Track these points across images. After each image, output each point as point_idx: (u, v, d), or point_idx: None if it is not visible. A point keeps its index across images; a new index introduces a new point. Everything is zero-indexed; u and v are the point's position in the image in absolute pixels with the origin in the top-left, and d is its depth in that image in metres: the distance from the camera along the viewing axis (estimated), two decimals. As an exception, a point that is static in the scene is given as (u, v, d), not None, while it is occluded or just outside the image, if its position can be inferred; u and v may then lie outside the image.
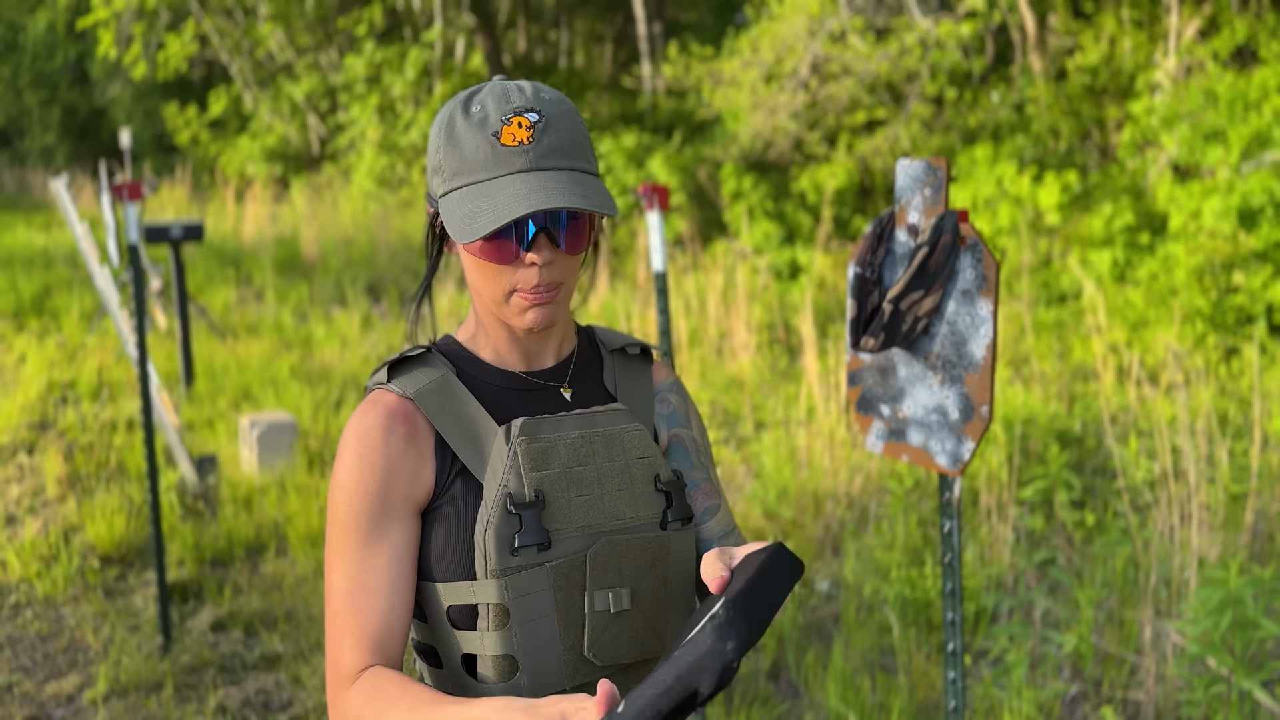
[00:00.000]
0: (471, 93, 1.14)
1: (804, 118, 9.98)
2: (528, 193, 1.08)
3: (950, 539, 1.69)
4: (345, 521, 1.12)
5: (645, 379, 1.28)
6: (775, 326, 6.94)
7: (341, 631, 1.11)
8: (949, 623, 1.71)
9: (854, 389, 1.73)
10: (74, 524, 4.39)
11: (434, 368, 1.17)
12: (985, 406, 1.52)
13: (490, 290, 1.14)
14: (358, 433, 1.14)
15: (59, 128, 25.05)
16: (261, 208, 14.60)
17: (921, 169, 1.57)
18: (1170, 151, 8.13)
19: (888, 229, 1.62)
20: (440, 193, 1.14)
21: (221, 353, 7.15)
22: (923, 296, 1.53)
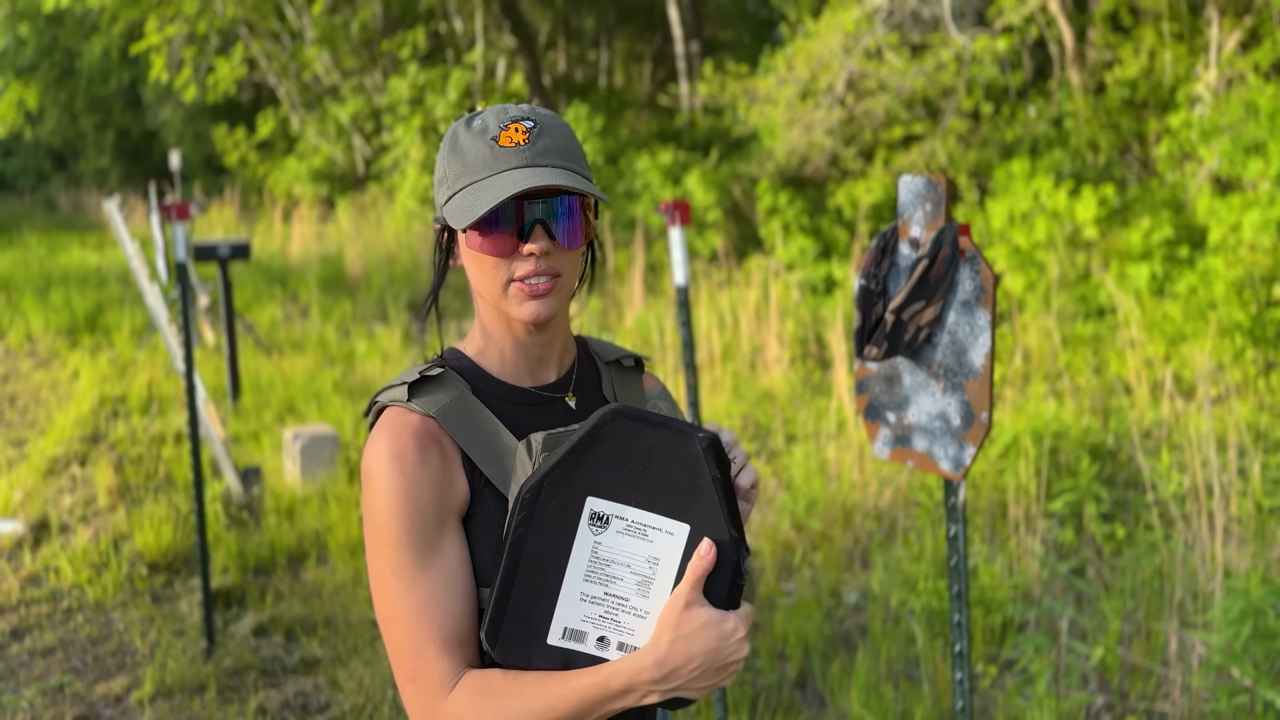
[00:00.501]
0: (474, 114, 1.24)
1: (840, 134, 10.02)
2: (523, 179, 1.17)
3: (955, 542, 1.74)
4: (399, 540, 1.15)
5: (639, 388, 1.37)
6: (807, 341, 6.98)
7: (422, 644, 1.13)
8: (955, 624, 1.76)
9: (861, 397, 1.79)
10: (123, 533, 4.54)
11: (451, 386, 1.23)
12: (985, 413, 1.58)
13: (490, 285, 1.21)
14: (393, 453, 1.17)
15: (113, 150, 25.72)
16: (308, 227, 14.90)
17: (923, 185, 1.64)
18: (1210, 164, 8.08)
19: (891, 243, 1.68)
20: (444, 200, 1.23)
21: (267, 368, 7.33)
22: (924, 307, 1.59)
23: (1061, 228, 8.07)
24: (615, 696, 1.09)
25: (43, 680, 3.43)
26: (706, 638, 1.09)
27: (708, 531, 1.11)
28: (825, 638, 3.57)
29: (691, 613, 1.10)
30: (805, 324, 7.18)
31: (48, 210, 25.31)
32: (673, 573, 1.12)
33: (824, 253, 9.25)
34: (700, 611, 1.10)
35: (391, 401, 1.23)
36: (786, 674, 3.40)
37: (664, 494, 1.12)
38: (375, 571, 1.17)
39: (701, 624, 1.10)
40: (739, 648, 1.11)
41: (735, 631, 1.11)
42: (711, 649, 1.09)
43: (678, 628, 1.10)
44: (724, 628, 1.10)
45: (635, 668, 1.10)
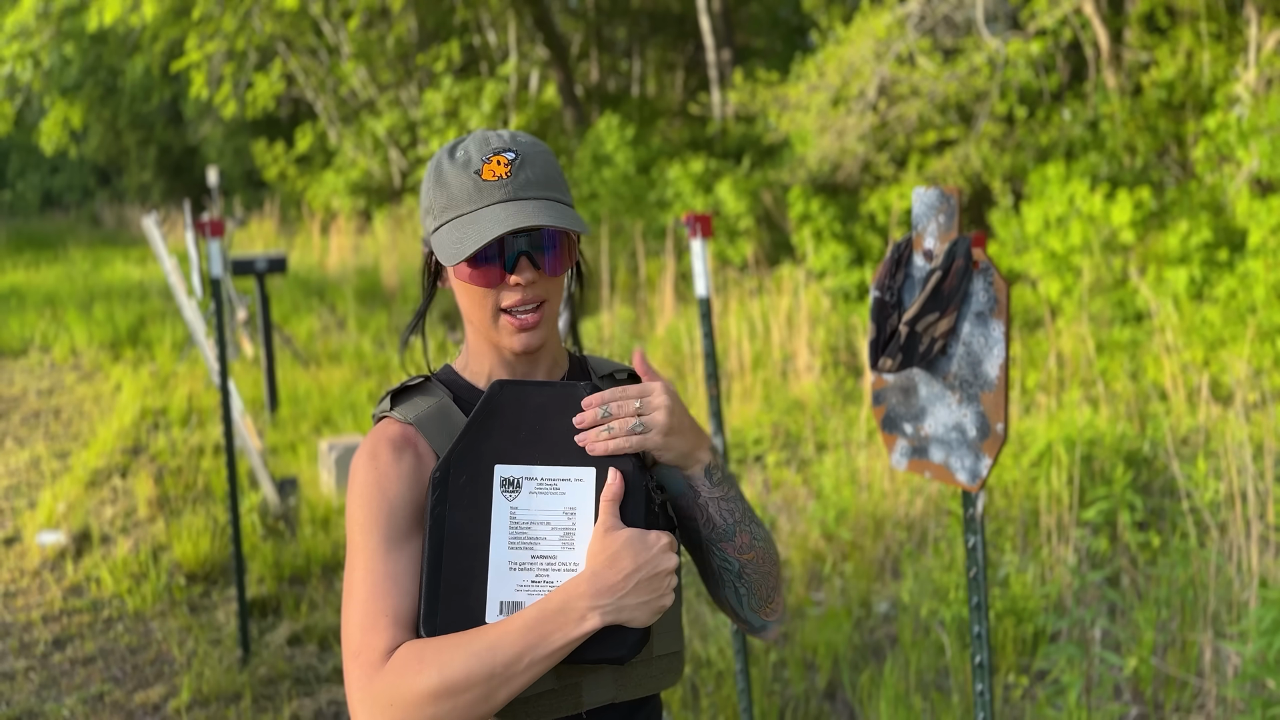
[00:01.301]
0: (456, 142, 1.28)
1: (872, 139, 9.99)
2: (506, 217, 1.21)
3: (975, 554, 1.74)
4: (366, 525, 1.19)
5: None
6: (838, 349, 6.96)
7: (373, 618, 1.14)
8: (975, 636, 1.76)
9: (879, 408, 1.79)
10: (162, 543, 4.63)
11: (432, 395, 1.28)
12: (1000, 424, 1.58)
13: (480, 314, 1.26)
14: (370, 454, 1.23)
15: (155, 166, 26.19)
16: (345, 239, 15.08)
17: (936, 197, 1.64)
18: (1249, 166, 7.95)
19: (905, 254, 1.69)
20: (431, 229, 1.27)
21: (304, 379, 7.43)
22: (938, 318, 1.60)
23: (1097, 232, 7.99)
24: (553, 617, 1.11)
25: (83, 689, 3.50)
26: (633, 550, 1.13)
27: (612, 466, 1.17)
28: (855, 648, 3.55)
29: (612, 534, 1.14)
30: (836, 331, 7.15)
31: (92, 225, 25.81)
32: (590, 518, 1.17)
33: (857, 259, 9.22)
34: (621, 531, 1.14)
35: (379, 413, 1.29)
36: (815, 684, 3.40)
37: (565, 446, 1.17)
38: (347, 563, 1.22)
39: (625, 540, 1.13)
40: (665, 556, 1.14)
41: (658, 540, 1.14)
42: (641, 560, 1.12)
43: (604, 549, 1.14)
44: (647, 539, 1.14)
45: (569, 586, 1.13)
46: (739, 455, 5.46)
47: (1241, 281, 7.02)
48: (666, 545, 1.15)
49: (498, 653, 1.10)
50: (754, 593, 1.29)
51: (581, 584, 1.13)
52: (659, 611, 1.14)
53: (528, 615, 1.12)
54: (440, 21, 17.68)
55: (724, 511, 1.25)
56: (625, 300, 8.88)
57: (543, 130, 14.75)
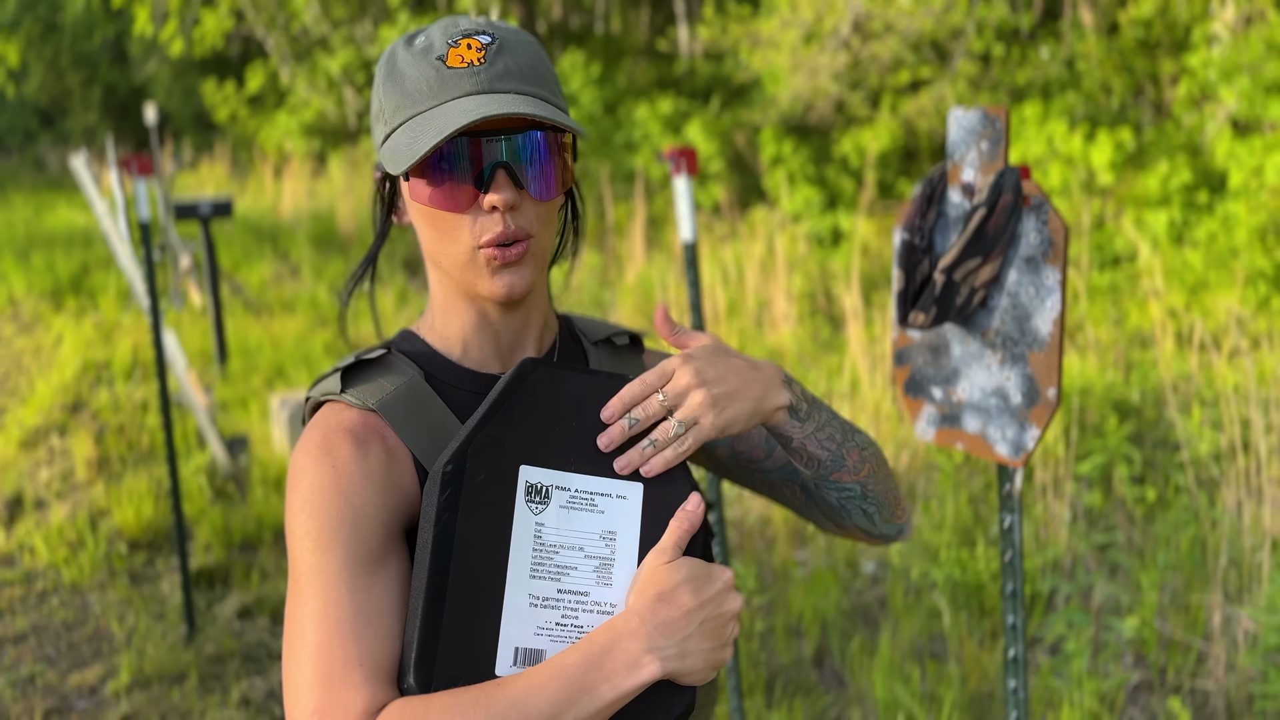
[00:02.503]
0: (416, 31, 0.97)
1: (846, 79, 9.69)
2: (474, 107, 0.90)
3: (1011, 535, 1.52)
4: (325, 542, 0.88)
5: (639, 370, 1.12)
6: (816, 295, 6.73)
7: (341, 667, 0.84)
8: (1009, 627, 1.54)
9: (901, 369, 1.55)
10: (102, 508, 4.34)
11: (396, 372, 0.99)
12: (1052, 389, 1.35)
13: (450, 252, 0.96)
14: (321, 448, 0.92)
15: (100, 107, 25.27)
16: (299, 183, 14.59)
17: (977, 119, 1.39)
18: (1229, 106, 7.77)
19: (939, 190, 1.44)
20: (381, 140, 0.97)
21: (256, 330, 7.09)
22: (980, 265, 1.35)
23: (1076, 173, 7.79)
24: (599, 662, 0.84)
25: (13, 670, 3.23)
26: (695, 585, 0.88)
27: (667, 488, 0.91)
28: (843, 613, 3.37)
29: (673, 564, 0.89)
30: (814, 278, 6.92)
31: (36, 169, 24.92)
32: (634, 547, 0.91)
33: (830, 203, 8.96)
34: (682, 560, 0.89)
35: (325, 395, 0.98)
36: (803, 652, 3.21)
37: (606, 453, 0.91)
38: (290, 593, 0.89)
39: (686, 572, 0.88)
40: (729, 596, 0.89)
41: (722, 575, 0.90)
42: (704, 598, 0.87)
43: (658, 581, 0.88)
44: (711, 573, 0.90)
45: (616, 624, 0.86)
46: (714, 407, 5.23)
47: (1222, 224, 6.86)
48: (730, 581, 0.91)
49: (529, 712, 0.81)
50: (882, 504, 1.07)
51: (632, 620, 0.86)
52: (719, 665, 0.89)
53: (565, 661, 0.84)
54: (395, -45, 17.00)
55: (824, 442, 1.00)
56: (592, 246, 8.57)
57: (503, 69, 14.28)
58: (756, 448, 1.12)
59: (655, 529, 0.91)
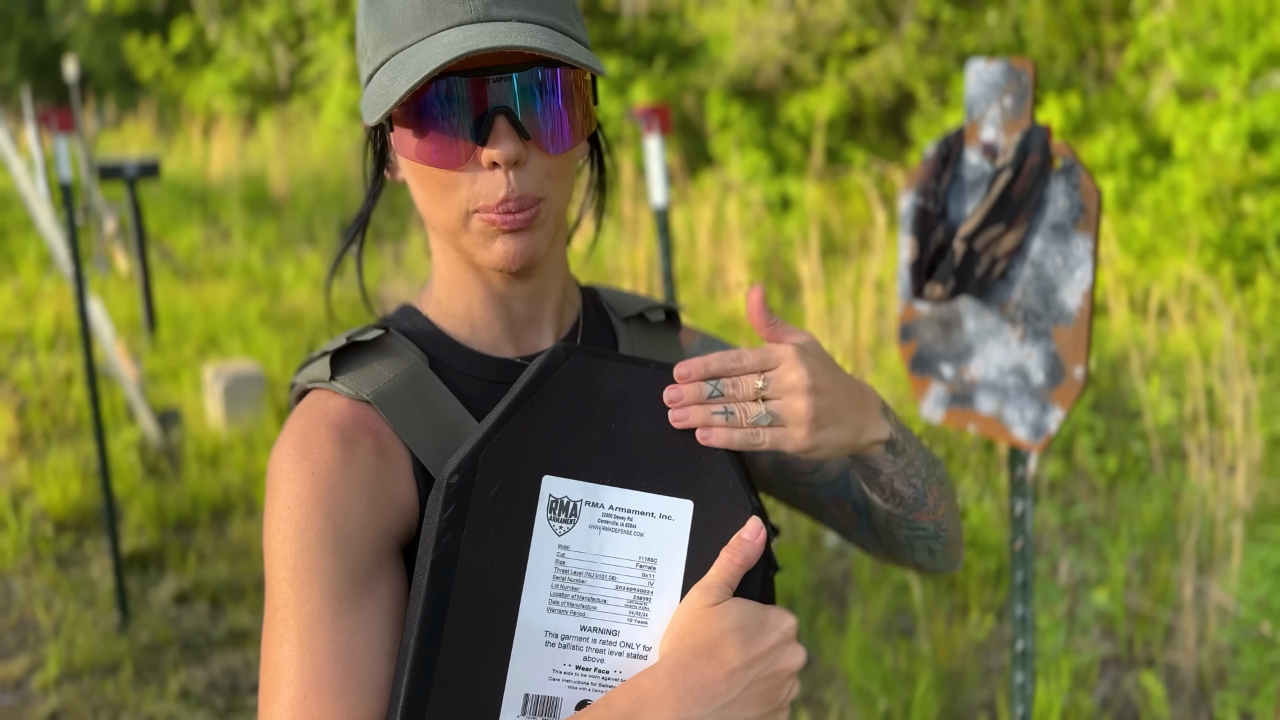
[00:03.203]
0: None
1: (793, 41, 9.57)
2: (464, 39, 0.74)
3: (1022, 522, 1.42)
4: (305, 572, 0.75)
5: (675, 352, 0.97)
6: (770, 262, 6.64)
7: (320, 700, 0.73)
8: (1018, 619, 1.45)
9: (907, 345, 1.44)
10: (25, 488, 4.09)
11: (396, 356, 0.84)
12: (1080, 368, 1.24)
13: (443, 214, 0.80)
14: (301, 450, 0.78)
15: (17, 63, 24.17)
16: (229, 144, 14.09)
17: (1000, 73, 1.26)
18: (1174, 73, 7.80)
19: (955, 151, 1.31)
20: (365, 81, 0.81)
21: (186, 297, 6.80)
22: (1004, 232, 1.24)
23: (1024, 139, 7.79)
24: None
25: (-71, 664, 3.02)
26: (745, 637, 0.72)
27: (722, 509, 0.75)
28: (809, 589, 3.29)
29: (720, 609, 0.73)
30: (767, 244, 6.82)
31: (-52, 128, 23.80)
32: (678, 579, 0.75)
33: (778, 168, 8.86)
34: (731, 605, 0.73)
35: (312, 382, 0.82)
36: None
37: (650, 460, 0.75)
38: (267, 620, 0.78)
39: (736, 619, 0.73)
40: (789, 651, 0.74)
41: (780, 622, 0.74)
42: (755, 654, 0.72)
43: (701, 628, 0.73)
44: (767, 620, 0.74)
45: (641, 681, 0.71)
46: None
47: (1169, 191, 6.90)
48: (791, 632, 0.75)
49: None
50: (951, 542, 0.94)
51: (661, 681, 0.71)
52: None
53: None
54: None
55: (911, 478, 0.86)
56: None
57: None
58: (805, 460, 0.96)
59: (705, 558, 0.76)
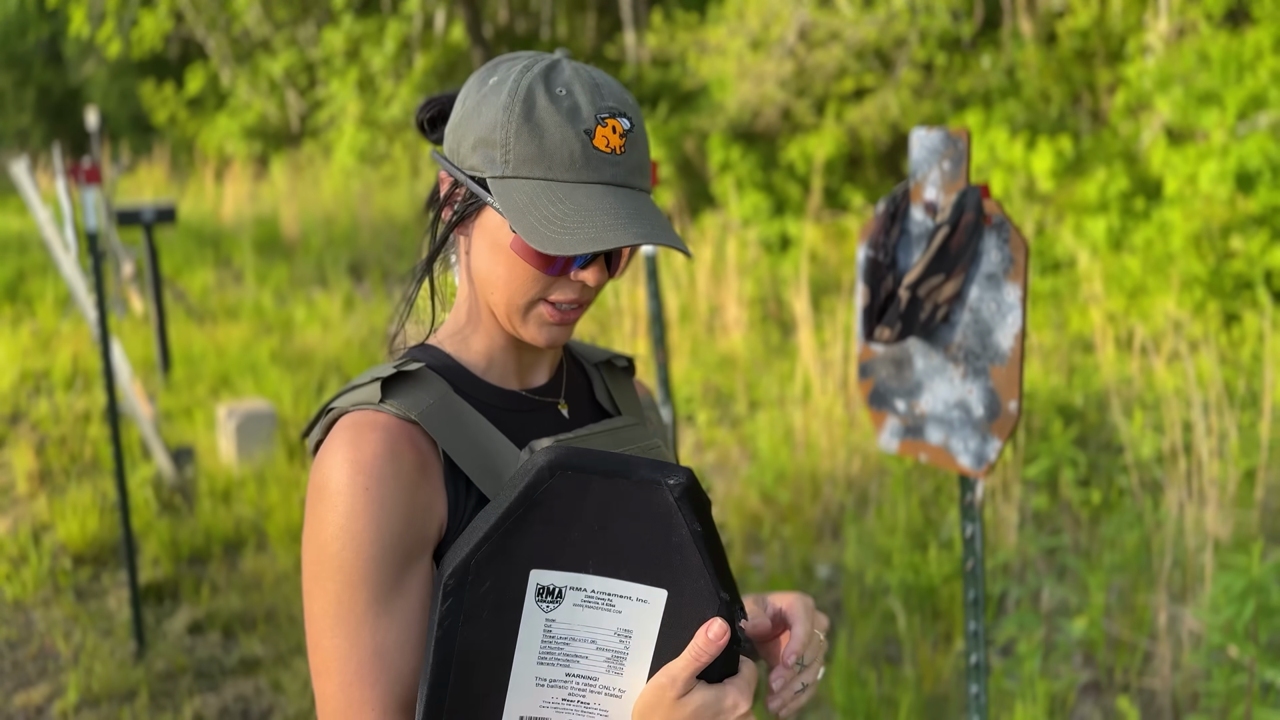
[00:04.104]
0: (549, 68, 0.97)
1: (792, 86, 9.79)
2: (628, 218, 0.92)
3: (972, 544, 1.55)
4: (352, 576, 0.92)
5: (633, 393, 1.15)
6: (767, 301, 6.79)
7: (357, 708, 0.92)
8: (971, 634, 1.58)
9: (865, 382, 1.58)
10: (45, 523, 4.23)
11: (431, 385, 0.99)
12: (1013, 402, 1.38)
13: (514, 295, 0.98)
14: (356, 464, 0.93)
15: (34, 109, 24.62)
16: (241, 187, 14.35)
17: (940, 139, 1.42)
18: (1163, 115, 7.99)
19: (902, 207, 1.46)
20: (496, 173, 0.95)
21: (199, 338, 6.97)
22: (943, 281, 1.38)
23: (1017, 180, 7.95)
24: None
25: (-46, 691, 3.15)
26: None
27: (693, 597, 0.88)
28: (799, 618, 3.40)
29: (683, 702, 0.88)
30: (764, 283, 6.98)
31: (-35, 172, 24.21)
32: (650, 643, 0.89)
33: (778, 209, 9.04)
34: (693, 697, 0.88)
35: (358, 404, 0.97)
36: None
37: (631, 556, 0.87)
38: (315, 611, 0.93)
39: (694, 710, 0.88)
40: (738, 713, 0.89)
41: (736, 707, 0.89)
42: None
43: (667, 714, 0.88)
44: (723, 704, 0.89)
45: None
46: (667, 413, 5.26)
47: (1159, 230, 7.05)
48: (743, 708, 0.89)
49: None
50: None
51: None
52: None
53: None
54: (339, -44, 16.83)
55: None
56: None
57: (450, 72, 14.20)
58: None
59: (676, 638, 0.89)
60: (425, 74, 13.63)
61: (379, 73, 14.45)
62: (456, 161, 0.98)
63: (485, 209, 0.97)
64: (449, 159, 0.99)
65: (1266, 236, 6.59)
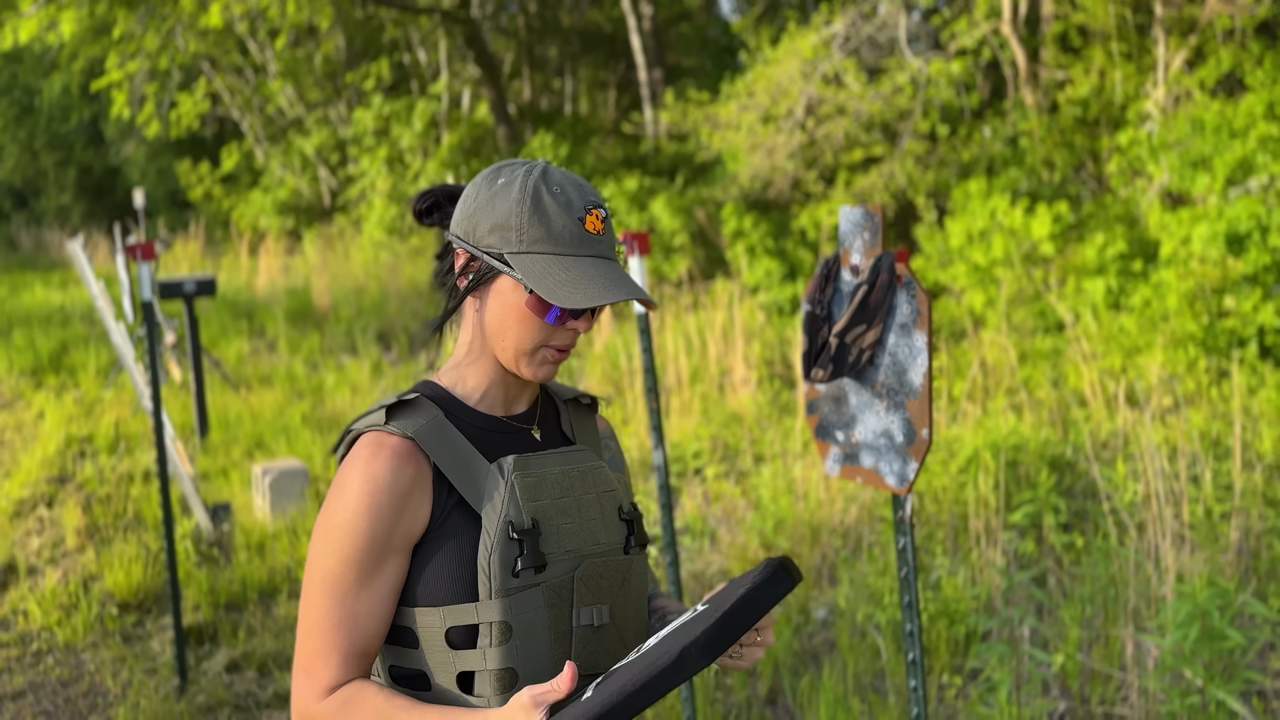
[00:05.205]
0: (545, 171, 1.28)
1: (801, 157, 10.18)
2: (614, 281, 1.25)
3: (905, 554, 1.81)
4: (346, 554, 1.22)
5: (594, 426, 1.44)
6: (774, 362, 7.07)
7: (327, 649, 1.23)
8: (907, 634, 1.83)
9: (812, 417, 1.86)
10: (93, 573, 4.53)
11: (427, 411, 1.29)
12: (925, 429, 1.66)
13: (522, 342, 1.28)
14: (366, 474, 1.23)
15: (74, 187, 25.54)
16: (274, 260, 14.87)
17: (861, 215, 1.72)
18: (1161, 179, 8.28)
19: (834, 270, 1.76)
20: (513, 249, 1.26)
21: (235, 403, 7.32)
22: (865, 330, 1.67)
23: (1018, 245, 8.24)
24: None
25: (14, 723, 3.42)
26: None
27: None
28: (795, 654, 3.62)
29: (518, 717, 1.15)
30: (771, 345, 7.27)
31: (8, 249, 25.06)
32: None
33: (789, 274, 9.37)
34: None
35: (368, 427, 1.27)
36: (757, 691, 3.46)
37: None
38: (313, 577, 1.24)
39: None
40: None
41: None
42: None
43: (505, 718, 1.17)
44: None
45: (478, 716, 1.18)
46: (679, 469, 5.52)
47: (1155, 291, 7.29)
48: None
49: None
50: None
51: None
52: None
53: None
54: (369, 40, 17.58)
55: None
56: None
57: (476, 148, 14.74)
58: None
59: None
60: (452, 150, 14.15)
61: (408, 150, 15.01)
62: (473, 242, 1.28)
63: (498, 277, 1.29)
64: (465, 239, 1.30)
65: (1258, 295, 6.82)
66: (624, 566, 1.32)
